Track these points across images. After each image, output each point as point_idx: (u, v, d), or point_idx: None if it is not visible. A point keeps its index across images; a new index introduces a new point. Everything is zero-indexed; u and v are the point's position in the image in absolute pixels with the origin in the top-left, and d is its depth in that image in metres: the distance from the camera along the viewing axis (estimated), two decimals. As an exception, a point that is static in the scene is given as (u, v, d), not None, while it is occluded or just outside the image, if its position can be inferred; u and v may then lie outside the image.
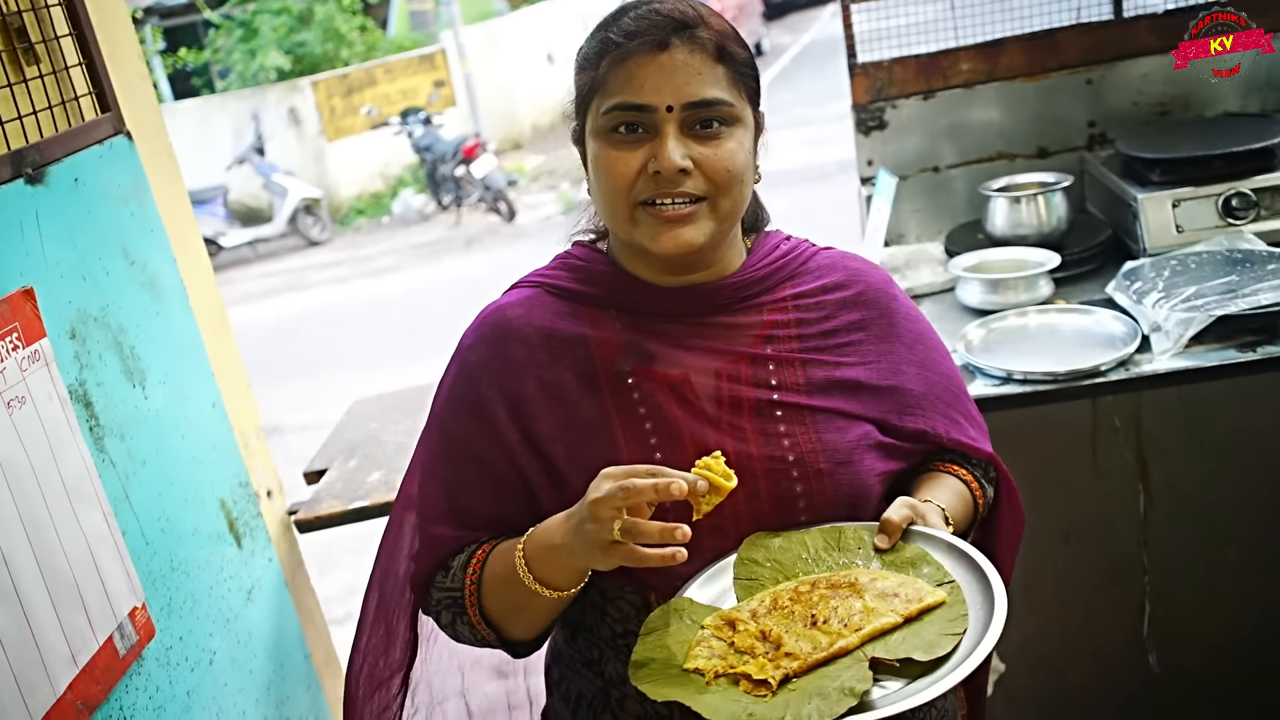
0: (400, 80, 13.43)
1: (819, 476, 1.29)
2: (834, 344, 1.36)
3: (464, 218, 11.40)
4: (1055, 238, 2.34)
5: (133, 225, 1.77)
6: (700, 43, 1.22)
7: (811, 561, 1.25)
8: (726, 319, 1.34)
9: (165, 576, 1.68)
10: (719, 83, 1.23)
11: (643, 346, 1.32)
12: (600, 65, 1.25)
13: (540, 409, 1.31)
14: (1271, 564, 2.49)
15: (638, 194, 1.23)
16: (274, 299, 9.95)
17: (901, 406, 1.37)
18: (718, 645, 1.15)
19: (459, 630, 1.35)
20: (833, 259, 1.43)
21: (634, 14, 1.25)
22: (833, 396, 1.33)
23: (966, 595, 1.15)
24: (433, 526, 1.36)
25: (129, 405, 1.66)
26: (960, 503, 1.37)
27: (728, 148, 1.23)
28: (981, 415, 1.49)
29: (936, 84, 2.57)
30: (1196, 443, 2.44)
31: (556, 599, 1.24)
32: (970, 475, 1.42)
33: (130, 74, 1.92)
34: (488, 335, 1.36)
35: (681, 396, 1.30)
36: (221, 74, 14.55)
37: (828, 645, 1.11)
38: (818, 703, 1.04)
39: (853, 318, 1.38)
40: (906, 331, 1.42)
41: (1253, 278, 1.98)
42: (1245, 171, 2.19)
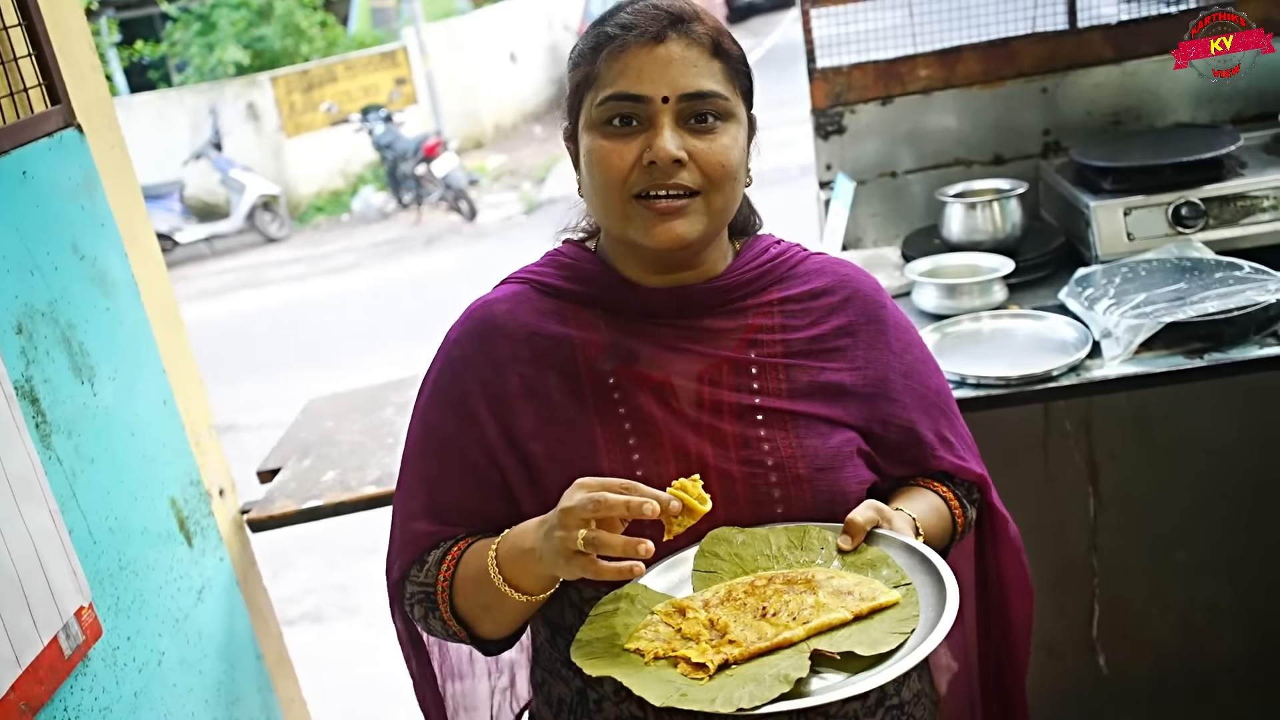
0: (361, 77, 13.33)
1: (798, 482, 1.29)
2: (820, 349, 1.35)
3: (424, 216, 11.34)
4: (1010, 244, 2.37)
5: (83, 219, 1.75)
6: (696, 36, 1.23)
7: (773, 558, 1.25)
8: (711, 322, 1.34)
9: (113, 576, 1.66)
10: (715, 76, 1.24)
11: (626, 347, 1.32)
12: (596, 59, 1.25)
13: (522, 406, 1.32)
14: (1217, 568, 2.54)
15: (632, 186, 1.23)
16: (231, 296, 9.84)
17: (887, 415, 1.36)
18: (664, 630, 1.16)
19: (431, 625, 1.35)
20: (823, 264, 1.42)
21: (630, 9, 1.26)
22: (815, 402, 1.33)
23: (921, 598, 1.15)
24: (412, 522, 1.36)
25: (77, 402, 1.64)
26: (936, 517, 1.36)
27: (722, 142, 1.24)
28: (968, 429, 1.48)
29: (895, 90, 2.59)
30: (1145, 447, 2.48)
31: (525, 603, 1.23)
32: (951, 493, 1.41)
33: (82, 66, 1.89)
34: (473, 330, 1.36)
35: (662, 398, 1.30)
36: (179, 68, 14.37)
37: (773, 636, 1.12)
38: (751, 687, 1.05)
39: (840, 323, 1.37)
40: (895, 340, 1.41)
41: (1200, 286, 2.01)
42: (1195, 181, 2.22)
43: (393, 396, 2.62)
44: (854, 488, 1.31)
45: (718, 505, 1.26)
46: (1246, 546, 2.51)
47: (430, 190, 11.09)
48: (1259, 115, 2.51)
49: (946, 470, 1.41)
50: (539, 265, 1.41)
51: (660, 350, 1.32)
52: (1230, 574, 2.54)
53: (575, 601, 1.32)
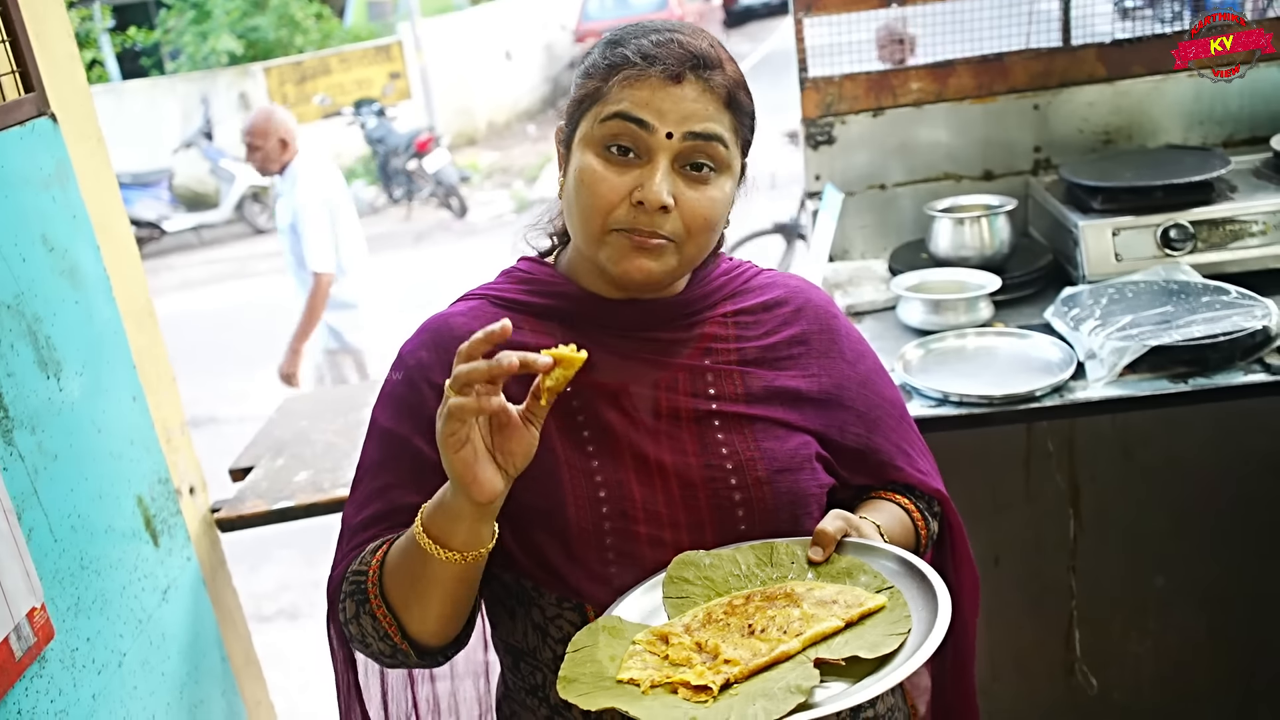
0: (355, 70, 13.29)
1: (758, 484, 1.28)
2: (774, 357, 1.36)
3: (415, 212, 11.30)
4: (997, 260, 2.35)
5: (54, 210, 1.71)
6: (714, 85, 1.22)
7: (744, 578, 1.23)
8: (667, 335, 1.34)
9: (74, 575, 1.62)
10: (722, 125, 1.23)
11: None
12: (609, 79, 1.23)
13: None
14: (1195, 593, 2.52)
15: (615, 220, 1.22)
16: (217, 286, 9.79)
17: (844, 422, 1.37)
18: (651, 659, 1.12)
19: (362, 624, 1.24)
20: (773, 278, 1.44)
21: (655, 38, 1.23)
22: (772, 406, 1.33)
23: (908, 599, 1.14)
24: (363, 531, 1.30)
25: (41, 397, 1.60)
26: (900, 528, 1.36)
27: (711, 195, 1.23)
28: (926, 444, 1.48)
29: (886, 102, 2.57)
30: (1127, 470, 2.47)
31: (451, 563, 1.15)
32: (913, 505, 1.41)
33: (59, 54, 1.85)
34: (429, 340, 1.35)
35: (619, 406, 1.29)
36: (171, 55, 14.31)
37: (768, 651, 1.09)
38: (763, 703, 1.02)
39: (793, 332, 1.39)
40: (849, 349, 1.42)
41: (1187, 309, 2.00)
42: (1184, 204, 2.21)
43: (368, 397, 2.59)
44: (814, 490, 1.31)
45: (679, 511, 1.25)
46: (1225, 572, 2.50)
47: (421, 186, 11.05)
48: (1250, 139, 2.51)
49: (907, 482, 1.41)
50: (495, 282, 1.41)
51: (617, 360, 1.31)
52: (1208, 599, 2.53)
53: (538, 623, 1.30)
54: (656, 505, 1.26)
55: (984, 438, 2.28)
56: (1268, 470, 2.43)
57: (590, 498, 1.26)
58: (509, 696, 1.40)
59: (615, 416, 1.29)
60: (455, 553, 1.15)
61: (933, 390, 1.98)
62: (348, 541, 1.32)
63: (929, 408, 1.96)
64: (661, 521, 1.25)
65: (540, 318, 1.34)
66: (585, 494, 1.26)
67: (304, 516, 2.17)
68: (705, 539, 1.27)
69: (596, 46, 1.29)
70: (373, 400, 1.39)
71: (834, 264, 2.59)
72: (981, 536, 2.48)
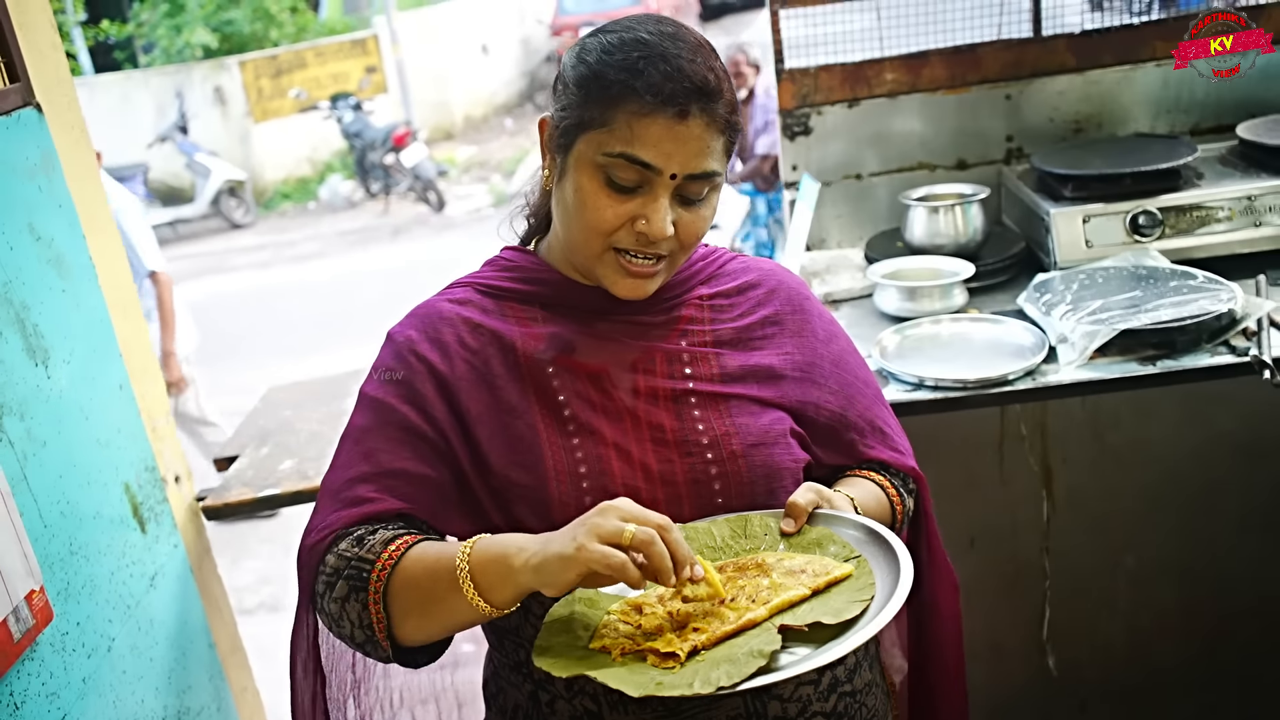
0: (331, 64, 13.23)
1: (733, 458, 1.33)
2: (748, 337, 1.42)
3: (392, 206, 11.28)
4: (971, 248, 2.39)
5: (40, 200, 1.73)
6: (715, 117, 1.25)
7: (718, 550, 1.27)
8: (645, 318, 1.40)
9: (64, 560, 1.64)
10: (718, 154, 1.28)
11: (564, 338, 1.36)
12: (617, 108, 1.23)
13: (468, 390, 1.32)
14: (1164, 571, 2.58)
15: (615, 241, 1.29)
16: (193, 281, 9.74)
17: (818, 399, 1.41)
18: (625, 628, 1.16)
19: (347, 609, 1.23)
20: (747, 263, 1.50)
21: (661, 69, 1.22)
22: (747, 384, 1.38)
23: (874, 567, 1.18)
24: (352, 488, 1.29)
25: (30, 384, 1.62)
26: (875, 503, 1.39)
27: (704, 215, 1.30)
28: (900, 423, 1.52)
29: (861, 93, 2.61)
30: (1098, 452, 2.52)
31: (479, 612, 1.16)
32: (888, 482, 1.45)
33: (42, 44, 1.86)
34: (418, 322, 1.38)
35: (599, 386, 1.34)
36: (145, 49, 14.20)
37: (736, 619, 1.14)
38: (726, 667, 1.06)
39: (767, 313, 1.45)
40: (821, 329, 1.47)
41: (1155, 294, 2.05)
42: (1153, 191, 2.26)
43: (352, 386, 2.60)
44: (788, 464, 1.36)
45: (657, 487, 1.30)
46: (1193, 550, 2.56)
47: (398, 180, 11.03)
48: (1216, 127, 2.56)
49: (881, 459, 1.45)
50: (480, 271, 1.45)
51: (596, 341, 1.37)
52: (1177, 577, 2.58)
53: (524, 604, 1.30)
54: (635, 481, 1.30)
55: (959, 422, 2.33)
56: (1234, 450, 2.48)
57: (571, 473, 1.29)
58: (495, 674, 1.43)
59: (596, 396, 1.34)
60: (489, 607, 1.15)
61: (909, 375, 2.02)
62: (330, 501, 1.31)
63: (905, 392, 2.00)
64: (640, 497, 1.28)
65: (524, 303, 1.39)
66: (566, 470, 1.29)
67: (290, 504, 2.18)
68: (683, 513, 1.31)
69: (597, 55, 1.26)
70: (356, 389, 1.41)
71: (811, 253, 2.63)
72: (957, 519, 2.53)
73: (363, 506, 1.28)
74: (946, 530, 1.52)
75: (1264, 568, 2.54)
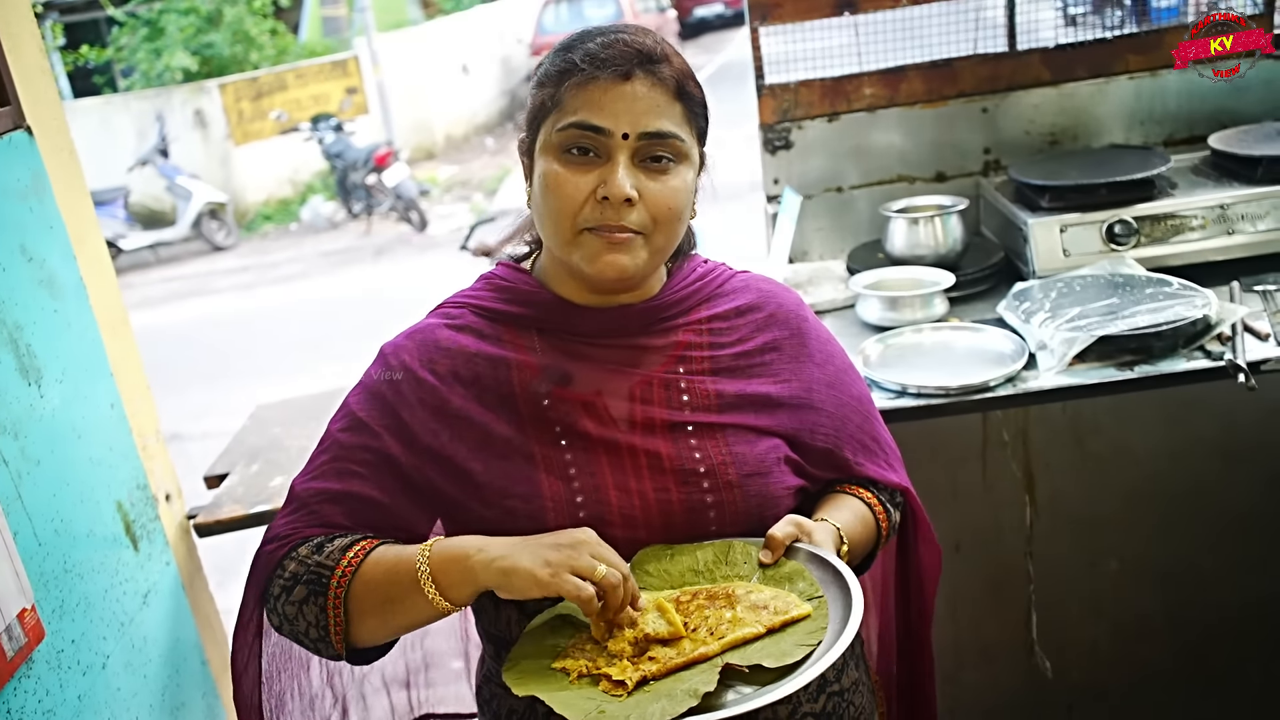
0: (311, 86, 13.25)
1: (729, 488, 1.33)
2: (746, 365, 1.41)
3: (374, 227, 11.29)
4: (951, 258, 2.43)
5: (31, 221, 1.74)
6: (662, 78, 1.27)
7: (700, 574, 1.29)
8: (643, 341, 1.39)
9: (58, 578, 1.65)
10: (675, 118, 1.28)
11: (560, 369, 1.36)
12: (561, 85, 1.28)
13: (460, 424, 1.33)
14: (1146, 573, 2.61)
15: (584, 220, 1.27)
16: (176, 304, 9.72)
17: (813, 424, 1.42)
18: (591, 648, 1.19)
19: (304, 611, 1.27)
20: (746, 282, 1.49)
21: (600, 40, 1.28)
22: (744, 412, 1.38)
23: (832, 611, 1.19)
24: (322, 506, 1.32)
25: (23, 404, 1.63)
26: (860, 524, 1.41)
27: (672, 185, 1.28)
28: (891, 437, 1.54)
29: (841, 107, 2.65)
30: (1079, 457, 2.55)
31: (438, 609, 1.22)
32: (875, 498, 1.47)
33: (31, 68, 1.88)
34: (414, 347, 1.38)
35: (596, 416, 1.34)
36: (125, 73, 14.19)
37: (690, 651, 1.16)
38: (664, 703, 1.09)
39: (766, 339, 1.44)
40: (818, 351, 1.48)
41: (1132, 301, 2.09)
42: (1128, 200, 2.30)
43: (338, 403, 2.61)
44: (781, 493, 1.36)
45: (654, 516, 1.31)
46: (1174, 552, 2.60)
47: (380, 200, 11.04)
48: (1189, 138, 2.61)
49: (871, 477, 1.47)
50: (474, 289, 1.44)
51: (593, 370, 1.36)
52: (1159, 579, 2.62)
53: (517, 619, 1.34)
54: (632, 511, 1.31)
55: (942, 429, 2.36)
56: (1212, 453, 2.52)
57: (568, 501, 1.30)
58: (489, 680, 1.44)
59: (591, 424, 1.33)
60: (447, 603, 1.21)
61: (892, 383, 2.05)
62: (298, 511, 1.34)
63: (889, 399, 2.03)
64: (637, 525, 1.30)
65: (519, 327, 1.38)
66: (564, 498, 1.30)
67: (281, 520, 2.19)
68: (678, 541, 1.32)
69: (547, 56, 1.34)
70: None
71: (794, 265, 2.66)
72: (942, 525, 2.53)
73: (328, 529, 1.32)
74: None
75: (1244, 567, 2.58)
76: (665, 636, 1.18)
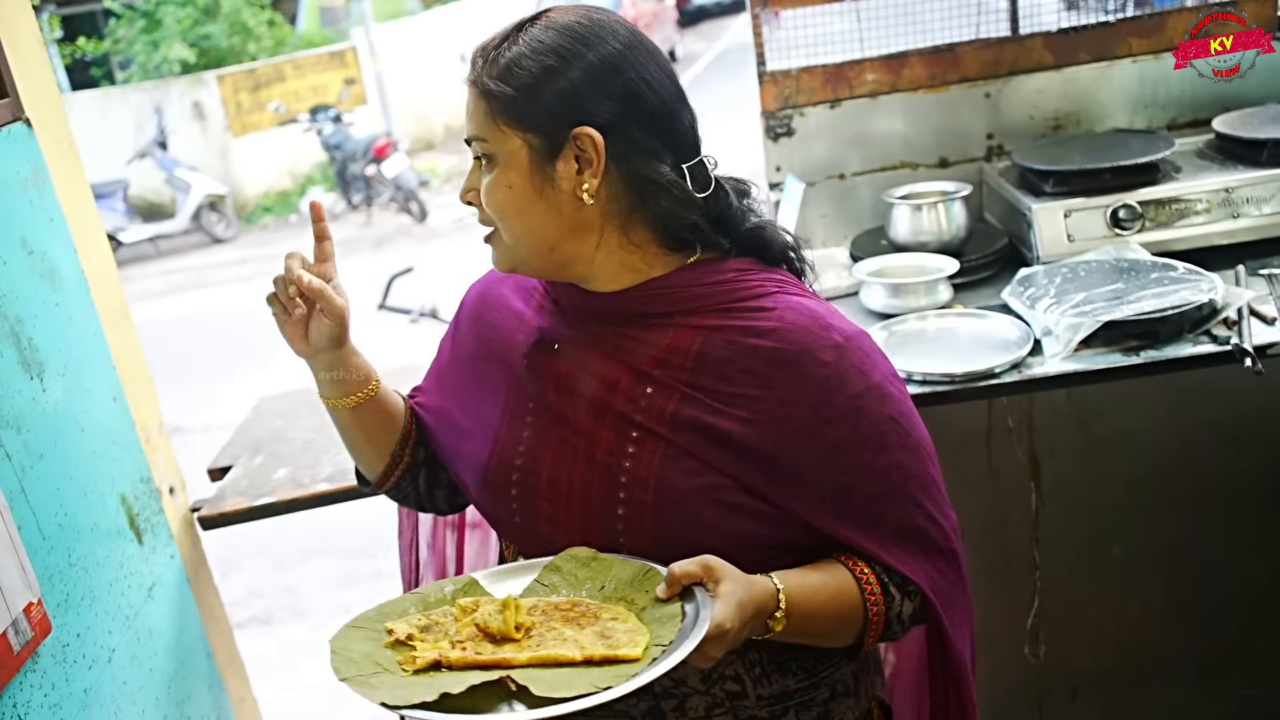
0: (310, 77, 13.21)
1: (642, 507, 1.26)
2: (724, 390, 1.27)
3: (374, 218, 11.27)
4: (955, 245, 2.42)
5: (31, 214, 1.74)
6: (477, 80, 1.31)
7: (604, 589, 1.24)
8: (637, 332, 1.34)
9: (63, 572, 1.65)
10: (480, 118, 1.31)
11: (549, 339, 1.40)
12: None
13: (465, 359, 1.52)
14: (1152, 559, 2.61)
15: None
16: (176, 297, 9.71)
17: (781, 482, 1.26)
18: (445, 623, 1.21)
19: None
20: (779, 305, 1.31)
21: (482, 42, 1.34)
22: (694, 439, 1.27)
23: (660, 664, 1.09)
24: None
25: (25, 397, 1.63)
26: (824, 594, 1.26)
27: (494, 182, 1.31)
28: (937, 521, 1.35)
29: (843, 93, 2.63)
30: (1085, 443, 2.55)
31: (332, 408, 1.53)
32: (871, 575, 1.29)
33: (30, 60, 1.87)
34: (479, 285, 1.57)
35: (560, 392, 1.37)
36: (122, 65, 14.16)
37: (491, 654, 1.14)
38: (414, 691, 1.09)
39: (760, 372, 1.27)
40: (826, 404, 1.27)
41: (1137, 285, 2.08)
42: (1132, 184, 2.29)
43: (344, 395, 2.61)
44: (711, 539, 1.23)
45: (575, 503, 1.32)
46: (1180, 538, 2.59)
47: (380, 191, 11.02)
48: (1192, 121, 2.59)
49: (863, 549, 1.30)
50: None
51: (579, 347, 1.38)
52: (1165, 565, 2.61)
53: None
54: (557, 489, 1.33)
55: (947, 415, 2.34)
56: (1218, 438, 2.52)
57: (509, 456, 1.38)
58: None
59: (554, 399, 1.37)
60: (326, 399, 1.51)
61: (897, 370, 2.04)
62: None
63: (893, 387, 2.02)
64: (559, 503, 1.33)
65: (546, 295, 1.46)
66: (508, 452, 1.38)
67: (285, 512, 2.19)
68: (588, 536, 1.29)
69: None
70: None
71: (797, 252, 2.65)
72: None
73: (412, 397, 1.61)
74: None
75: (1249, 553, 2.58)
76: (494, 632, 1.17)
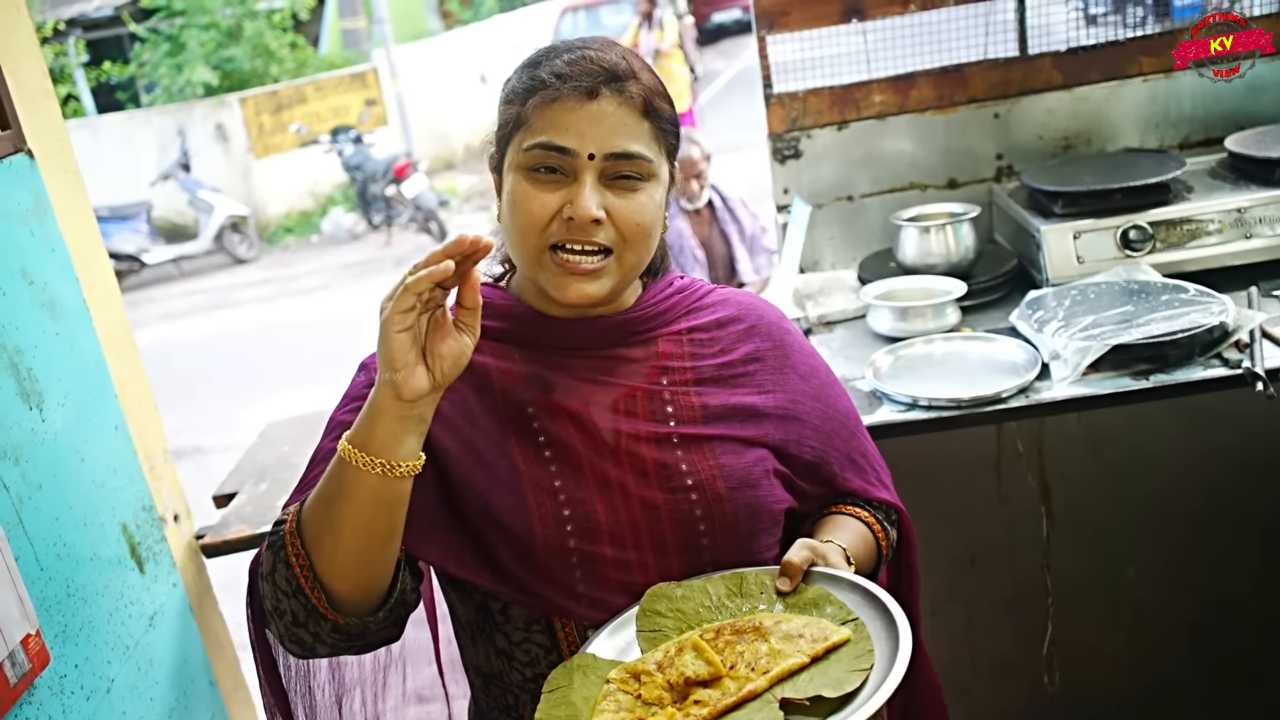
0: (331, 98, 13.32)
1: (718, 500, 1.30)
2: (729, 375, 1.39)
3: (395, 238, 11.32)
4: (963, 266, 2.40)
5: (32, 245, 1.74)
6: (629, 96, 1.25)
7: (715, 609, 1.24)
8: (623, 352, 1.36)
9: (61, 603, 1.64)
10: (642, 137, 1.25)
11: (542, 377, 1.33)
12: (528, 102, 1.26)
13: (442, 429, 1.29)
14: (1166, 583, 2.57)
15: (549, 237, 1.25)
16: (198, 317, 9.78)
17: (800, 436, 1.39)
18: (624, 699, 1.13)
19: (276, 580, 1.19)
20: (725, 295, 1.47)
21: (567, 57, 1.26)
22: (730, 424, 1.35)
23: (871, 631, 1.15)
24: None
25: (24, 428, 1.63)
26: (862, 543, 1.39)
27: (639, 201, 1.25)
28: (880, 454, 1.51)
29: (850, 115, 2.62)
30: (1095, 467, 2.51)
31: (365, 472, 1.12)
32: (871, 517, 1.44)
33: (33, 91, 1.88)
34: None
35: (580, 426, 1.31)
36: (147, 88, 14.32)
37: (736, 690, 1.11)
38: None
39: (748, 349, 1.41)
40: (801, 363, 1.45)
41: (1147, 308, 2.05)
42: (1143, 205, 2.26)
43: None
44: (770, 505, 1.34)
45: (643, 533, 1.27)
46: (1194, 562, 2.55)
47: (400, 211, 11.07)
48: (1204, 140, 2.57)
49: (855, 493, 1.44)
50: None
51: (575, 381, 1.33)
52: (1179, 589, 2.57)
53: (503, 648, 1.32)
54: (620, 528, 1.27)
55: (955, 441, 2.32)
56: (1230, 462, 2.48)
57: (555, 515, 1.27)
58: (480, 716, 1.42)
59: (576, 436, 1.30)
60: (372, 458, 1.11)
61: (903, 395, 2.02)
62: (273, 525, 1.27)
63: (900, 413, 2.00)
64: (626, 542, 1.27)
65: (499, 342, 1.36)
66: (550, 510, 1.27)
67: (288, 539, 2.18)
68: (669, 557, 1.28)
69: (515, 72, 1.32)
70: None
71: (804, 275, 2.64)
72: (957, 538, 2.53)
73: None
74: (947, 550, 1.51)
75: (1264, 578, 2.53)
76: (705, 678, 1.13)
